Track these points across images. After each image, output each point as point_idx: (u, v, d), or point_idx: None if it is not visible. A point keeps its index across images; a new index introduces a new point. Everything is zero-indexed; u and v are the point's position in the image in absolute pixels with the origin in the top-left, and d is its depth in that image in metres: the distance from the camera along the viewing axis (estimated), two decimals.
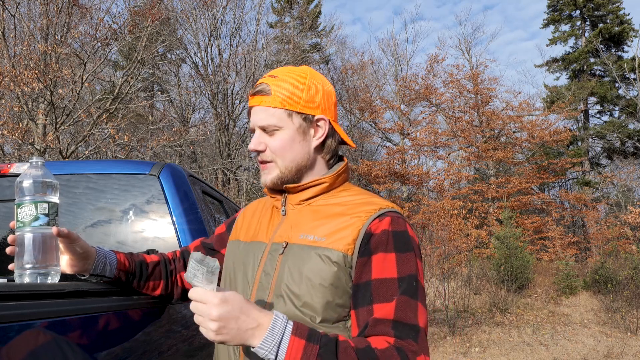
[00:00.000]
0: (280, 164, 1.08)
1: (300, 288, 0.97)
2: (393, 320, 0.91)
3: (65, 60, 10.37)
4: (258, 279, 1.04)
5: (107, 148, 10.19)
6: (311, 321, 0.95)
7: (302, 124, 1.08)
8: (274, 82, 1.07)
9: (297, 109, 1.07)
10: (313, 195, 1.10)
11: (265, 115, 1.07)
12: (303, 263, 0.99)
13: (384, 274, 0.95)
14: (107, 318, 1.16)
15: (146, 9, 11.67)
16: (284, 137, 1.07)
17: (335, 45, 24.36)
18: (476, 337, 7.85)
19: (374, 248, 0.97)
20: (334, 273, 0.97)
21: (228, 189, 16.19)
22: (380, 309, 0.93)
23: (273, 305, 0.99)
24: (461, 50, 23.28)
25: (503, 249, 10.93)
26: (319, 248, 0.99)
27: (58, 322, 0.95)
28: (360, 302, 0.96)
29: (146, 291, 1.30)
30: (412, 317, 0.93)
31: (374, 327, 0.92)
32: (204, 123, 18.27)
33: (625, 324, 8.37)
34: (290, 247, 1.02)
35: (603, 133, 22.71)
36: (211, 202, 2.57)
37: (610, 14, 23.36)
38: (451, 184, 19.27)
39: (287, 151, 1.07)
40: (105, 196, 2.05)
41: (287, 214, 1.11)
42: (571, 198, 19.39)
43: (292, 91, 1.06)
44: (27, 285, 1.01)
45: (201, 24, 18.12)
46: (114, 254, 1.23)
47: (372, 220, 1.00)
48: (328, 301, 0.96)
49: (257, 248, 1.09)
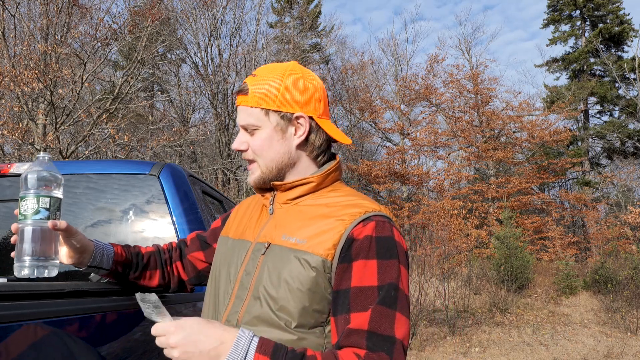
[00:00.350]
0: (262, 164, 1.07)
1: (277, 291, 0.95)
2: (367, 331, 0.87)
3: (65, 60, 10.38)
4: (240, 278, 1.03)
5: (107, 148, 10.19)
6: (286, 325, 0.93)
7: (279, 122, 1.05)
8: (253, 81, 1.06)
9: (273, 107, 1.04)
10: (300, 195, 1.07)
11: (245, 115, 1.06)
12: (283, 266, 0.96)
13: (363, 282, 0.92)
14: (107, 318, 1.16)
15: (146, 9, 11.68)
16: (263, 136, 1.06)
17: (335, 45, 24.40)
18: (476, 337, 7.85)
19: (355, 254, 0.94)
20: (312, 278, 0.94)
21: (228, 189, 16.19)
22: (355, 319, 0.89)
23: (249, 306, 0.98)
24: (461, 50, 23.31)
25: (503, 249, 10.93)
26: (299, 251, 0.96)
27: (58, 322, 0.95)
28: (339, 309, 0.92)
29: (143, 282, 1.30)
30: (388, 328, 0.88)
31: (348, 338, 0.88)
32: (204, 123, 18.28)
33: (625, 324, 8.37)
34: (272, 248, 1.01)
35: (603, 133, 22.71)
36: (211, 202, 2.57)
37: (610, 14, 23.37)
38: (451, 184, 19.28)
39: (265, 150, 1.06)
40: (105, 196, 2.05)
41: (275, 213, 1.09)
42: (571, 198, 19.40)
43: (268, 89, 1.04)
44: (27, 285, 1.01)
45: (201, 24, 18.14)
46: (111, 246, 1.24)
47: (356, 224, 0.96)
48: (305, 306, 0.93)
49: (242, 246, 1.08)
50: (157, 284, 1.33)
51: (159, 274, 1.32)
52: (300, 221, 1.02)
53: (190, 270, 1.33)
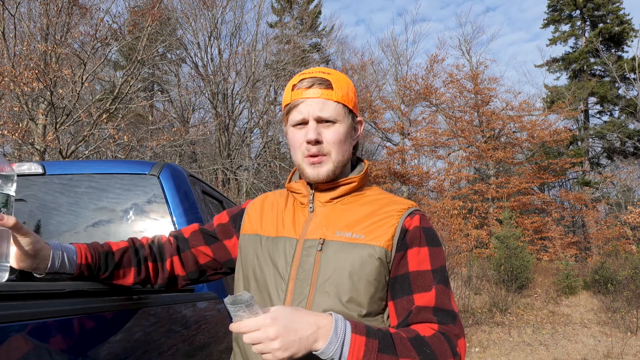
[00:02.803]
0: (335, 157, 1.10)
1: (345, 284, 1.01)
2: (434, 307, 0.99)
3: (65, 60, 10.37)
4: (294, 274, 1.06)
5: (107, 148, 10.19)
6: (357, 316, 1.00)
7: (351, 122, 1.14)
8: (332, 77, 1.10)
9: (351, 107, 1.12)
10: (342, 194, 1.13)
11: (328, 107, 1.08)
12: (345, 259, 1.02)
13: (420, 266, 1.03)
14: (107, 318, 1.16)
15: (146, 9, 11.67)
16: (341, 130, 1.10)
17: (335, 45, 24.37)
18: (476, 337, 7.85)
19: (409, 243, 1.05)
20: (376, 268, 1.02)
21: (228, 189, 16.19)
22: (421, 298, 1.00)
23: (316, 301, 1.02)
24: (461, 51, 23.34)
25: (503, 249, 10.93)
26: (360, 245, 1.03)
27: (58, 322, 0.95)
28: (399, 293, 1.03)
29: (116, 281, 1.21)
30: (449, 303, 1.01)
31: (418, 315, 0.99)
32: (204, 123, 18.26)
33: (625, 324, 8.37)
34: (328, 244, 1.05)
35: (603, 133, 22.71)
36: (211, 202, 2.57)
37: (610, 14, 23.36)
38: (451, 184, 19.28)
39: (342, 145, 1.10)
40: (105, 196, 2.05)
41: (316, 211, 1.13)
42: (571, 198, 19.40)
43: (347, 90, 1.11)
44: (27, 285, 1.01)
45: (201, 24, 18.13)
46: (73, 248, 1.12)
47: (405, 218, 1.07)
48: (371, 295, 1.02)
49: (287, 243, 1.10)
50: (132, 282, 1.23)
51: (134, 272, 1.22)
52: (351, 218, 1.09)
53: (191, 264, 1.28)
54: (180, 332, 1.60)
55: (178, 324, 1.59)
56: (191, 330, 1.66)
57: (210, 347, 1.79)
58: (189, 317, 1.68)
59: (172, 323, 1.55)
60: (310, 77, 1.09)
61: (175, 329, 1.56)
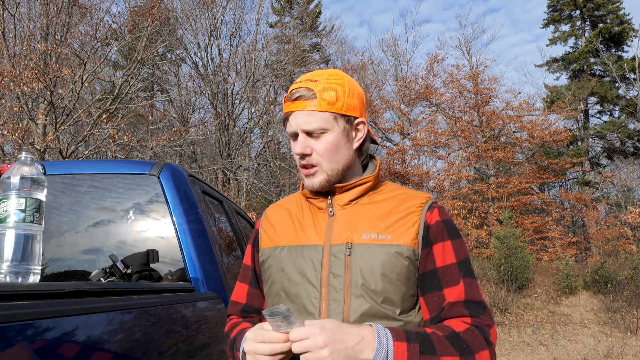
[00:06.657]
0: (326, 167, 1.09)
1: (378, 286, 1.02)
2: (465, 301, 1.02)
3: (65, 60, 10.37)
4: (325, 281, 1.05)
5: (107, 148, 10.19)
6: (392, 315, 1.02)
7: (345, 127, 1.10)
8: (317, 86, 1.08)
9: (341, 112, 1.09)
10: (359, 195, 1.14)
11: (312, 119, 1.07)
12: (376, 261, 1.03)
13: (445, 261, 1.06)
14: (107, 318, 1.16)
15: (146, 9, 11.68)
16: (330, 140, 1.08)
17: (335, 45, 24.36)
18: None
19: (433, 239, 1.07)
20: (406, 267, 1.04)
21: (228, 189, 16.20)
22: (451, 293, 1.03)
23: (352, 305, 1.02)
24: (461, 51, 23.33)
25: (503, 249, 10.92)
26: (388, 245, 1.05)
27: (58, 322, 0.95)
28: (429, 288, 1.05)
29: None
30: (477, 294, 1.04)
31: (451, 310, 1.02)
32: (204, 123, 18.28)
33: (625, 324, 8.36)
34: (356, 248, 1.05)
35: (603, 133, 22.71)
36: (211, 202, 2.57)
37: (610, 14, 23.36)
38: (451, 184, 19.27)
39: (333, 154, 1.09)
40: (105, 196, 2.05)
41: (336, 215, 1.12)
42: (571, 198, 19.39)
43: (336, 94, 1.08)
44: (27, 285, 1.01)
45: (201, 24, 18.13)
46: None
47: (425, 213, 1.09)
48: (404, 293, 1.04)
49: (312, 250, 1.09)
50: None
51: None
52: (373, 218, 1.09)
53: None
54: (180, 332, 1.59)
55: (178, 324, 1.59)
56: (191, 330, 1.66)
57: (210, 347, 1.79)
58: (189, 317, 1.68)
59: (172, 323, 1.55)
60: (297, 88, 1.09)
61: (175, 329, 1.56)
